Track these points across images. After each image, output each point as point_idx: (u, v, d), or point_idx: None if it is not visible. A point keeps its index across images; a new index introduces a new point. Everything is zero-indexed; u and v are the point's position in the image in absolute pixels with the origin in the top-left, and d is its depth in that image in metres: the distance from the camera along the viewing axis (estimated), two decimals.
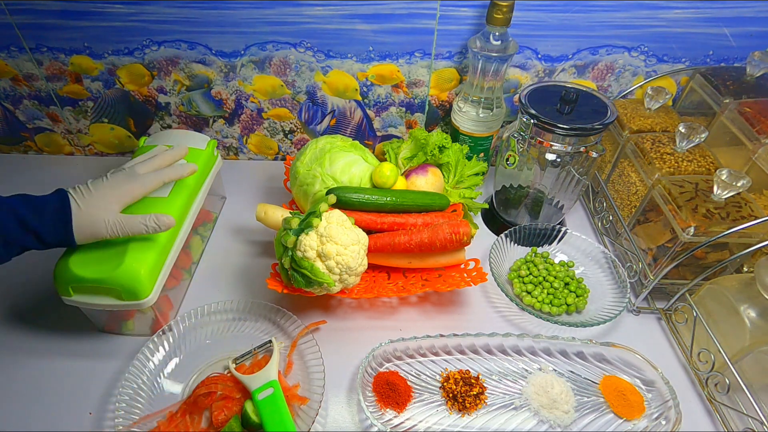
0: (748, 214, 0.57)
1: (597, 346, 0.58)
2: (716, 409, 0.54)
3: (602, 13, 0.70)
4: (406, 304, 0.66)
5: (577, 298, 0.64)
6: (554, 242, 0.72)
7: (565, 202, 0.73)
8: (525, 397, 0.55)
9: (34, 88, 0.79)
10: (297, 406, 0.53)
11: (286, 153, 0.90)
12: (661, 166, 0.64)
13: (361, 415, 0.54)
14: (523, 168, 0.70)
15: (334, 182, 0.67)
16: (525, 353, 0.59)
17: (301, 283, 0.55)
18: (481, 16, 0.70)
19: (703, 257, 0.61)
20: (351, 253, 0.55)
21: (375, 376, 0.56)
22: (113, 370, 0.57)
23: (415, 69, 0.76)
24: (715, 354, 0.55)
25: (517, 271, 0.68)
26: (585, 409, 0.54)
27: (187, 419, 0.51)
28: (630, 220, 0.69)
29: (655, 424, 0.52)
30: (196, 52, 0.75)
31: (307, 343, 0.58)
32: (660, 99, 0.71)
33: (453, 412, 0.54)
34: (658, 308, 0.65)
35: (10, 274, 0.68)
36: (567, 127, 0.61)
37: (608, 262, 0.69)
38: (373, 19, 0.71)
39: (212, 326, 0.61)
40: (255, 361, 0.57)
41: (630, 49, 0.74)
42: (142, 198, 0.54)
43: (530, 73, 0.77)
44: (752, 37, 0.72)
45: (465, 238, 0.62)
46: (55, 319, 0.62)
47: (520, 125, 0.67)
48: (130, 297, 0.53)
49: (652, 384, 0.56)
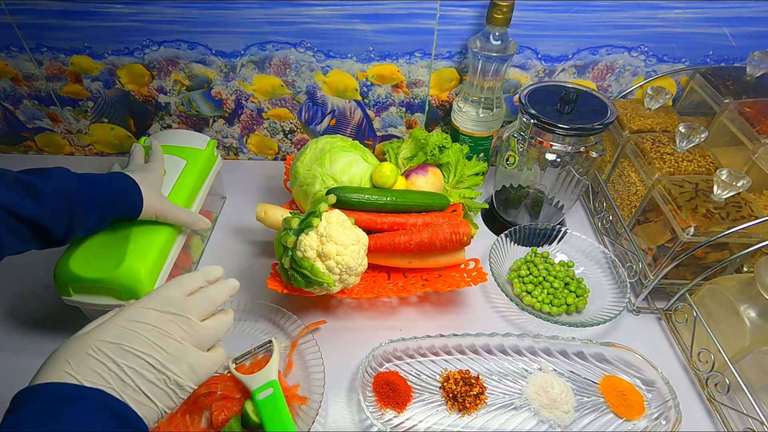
0: (748, 214, 0.56)
1: (597, 346, 0.58)
2: (716, 409, 0.54)
3: (602, 13, 0.70)
4: (406, 304, 0.66)
5: (577, 298, 0.64)
6: (554, 242, 0.72)
7: (565, 202, 0.73)
8: (525, 397, 0.55)
9: (34, 88, 0.79)
10: (297, 406, 0.53)
11: (286, 153, 0.90)
12: (661, 166, 0.64)
13: (361, 415, 0.54)
14: (523, 168, 0.70)
15: (334, 182, 0.67)
16: (525, 353, 0.59)
17: (301, 283, 0.55)
18: (481, 16, 0.70)
19: (703, 257, 0.61)
20: (351, 253, 0.55)
21: (375, 376, 0.56)
22: None
23: (415, 69, 0.76)
24: (715, 354, 0.55)
25: (517, 271, 0.68)
26: (585, 409, 0.54)
27: (187, 419, 0.51)
28: (630, 220, 0.69)
29: (655, 424, 0.52)
30: (196, 52, 0.75)
31: (307, 343, 0.58)
32: (660, 99, 0.71)
33: (453, 412, 0.54)
34: (658, 308, 0.65)
35: (10, 274, 0.68)
36: (567, 127, 0.61)
37: (608, 262, 0.69)
38: (373, 19, 0.71)
39: None
40: (255, 361, 0.57)
41: (630, 49, 0.74)
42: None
43: (530, 73, 0.77)
44: (752, 37, 0.72)
45: (465, 238, 0.62)
46: (55, 319, 0.62)
47: (520, 125, 0.67)
48: (130, 297, 0.53)
49: (652, 384, 0.56)
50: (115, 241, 0.55)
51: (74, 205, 0.49)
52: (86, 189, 0.50)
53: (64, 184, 0.49)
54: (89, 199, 0.51)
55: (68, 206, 0.48)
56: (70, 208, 0.48)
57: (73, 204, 0.49)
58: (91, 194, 0.51)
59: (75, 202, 0.49)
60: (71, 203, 0.49)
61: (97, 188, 0.51)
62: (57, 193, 0.48)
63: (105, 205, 0.52)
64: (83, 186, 0.50)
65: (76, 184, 0.50)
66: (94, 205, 0.51)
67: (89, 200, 0.50)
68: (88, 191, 0.50)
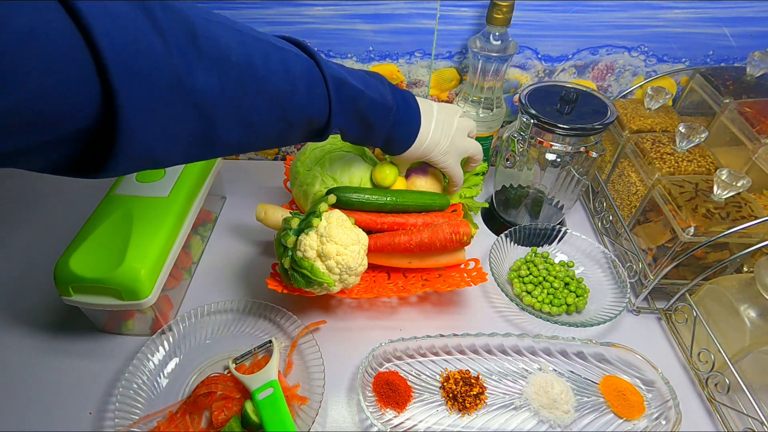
0: (748, 214, 0.56)
1: (597, 346, 0.58)
2: (716, 409, 0.54)
3: (602, 13, 0.70)
4: (406, 304, 0.66)
5: (577, 298, 0.64)
6: (554, 242, 0.72)
7: (565, 202, 0.73)
8: (525, 397, 0.55)
9: None
10: (297, 406, 0.53)
11: (286, 153, 0.90)
12: (661, 166, 0.64)
13: (361, 415, 0.54)
14: (523, 168, 0.70)
15: (334, 182, 0.67)
16: (525, 353, 0.59)
17: (301, 283, 0.55)
18: (481, 16, 0.70)
19: (703, 257, 0.61)
20: (351, 253, 0.55)
21: (375, 376, 0.56)
22: (113, 370, 0.57)
23: (415, 69, 0.76)
24: (715, 354, 0.55)
25: (517, 271, 0.68)
26: (585, 409, 0.54)
27: (187, 419, 0.51)
28: (630, 220, 0.69)
29: (655, 424, 0.52)
30: None
31: (307, 343, 0.58)
32: (660, 99, 0.71)
33: (453, 412, 0.54)
34: (658, 308, 0.65)
35: (11, 274, 0.68)
36: (567, 127, 0.61)
37: (608, 262, 0.69)
38: (373, 19, 0.71)
39: (212, 326, 0.61)
40: (255, 361, 0.57)
41: (630, 49, 0.74)
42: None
43: (530, 73, 0.77)
44: (752, 37, 0.72)
45: (465, 238, 0.62)
46: (55, 319, 0.62)
47: (520, 125, 0.67)
48: (130, 297, 0.53)
49: (652, 384, 0.56)
50: (115, 241, 0.55)
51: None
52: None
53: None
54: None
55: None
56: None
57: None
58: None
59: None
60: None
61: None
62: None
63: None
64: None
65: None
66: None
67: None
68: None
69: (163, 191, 0.62)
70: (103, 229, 0.56)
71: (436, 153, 0.60)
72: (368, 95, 0.49)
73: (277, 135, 0.44)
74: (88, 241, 0.55)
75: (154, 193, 0.61)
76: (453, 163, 0.63)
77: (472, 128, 0.64)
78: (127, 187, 0.62)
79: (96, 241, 0.55)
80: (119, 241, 0.55)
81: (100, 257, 0.53)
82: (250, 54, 0.37)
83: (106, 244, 0.55)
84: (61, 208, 0.79)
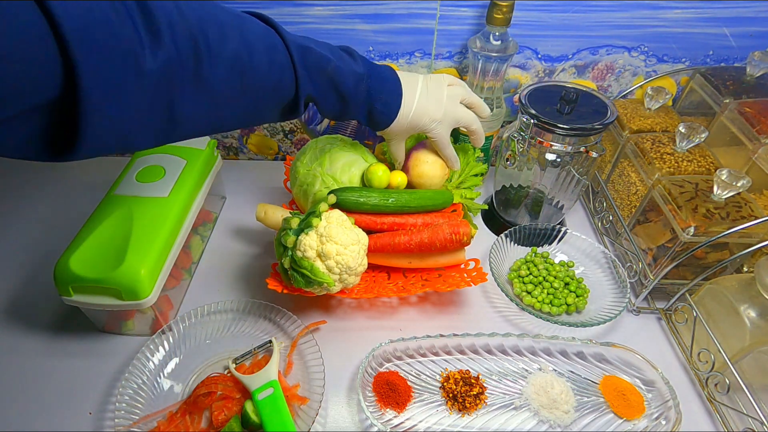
0: (748, 214, 0.57)
1: (597, 346, 0.58)
2: (716, 409, 0.54)
3: (602, 13, 0.70)
4: (406, 304, 0.66)
5: (577, 298, 0.64)
6: (554, 242, 0.72)
7: (565, 202, 0.73)
8: (525, 397, 0.55)
9: None
10: (297, 406, 0.53)
11: (286, 153, 0.90)
12: (661, 166, 0.64)
13: (361, 415, 0.54)
14: (523, 168, 0.70)
15: (334, 182, 0.67)
16: (525, 353, 0.59)
17: (301, 283, 0.55)
18: (481, 16, 0.70)
19: (703, 257, 0.61)
20: (351, 253, 0.55)
21: (375, 376, 0.56)
22: (113, 370, 0.57)
23: (415, 69, 0.76)
24: (715, 354, 0.55)
25: (517, 271, 0.68)
26: (585, 409, 0.54)
27: (187, 419, 0.51)
28: (630, 220, 0.69)
29: (655, 424, 0.52)
30: None
31: (307, 343, 0.58)
32: (660, 99, 0.71)
33: (453, 412, 0.54)
34: (658, 308, 0.65)
35: (10, 274, 0.68)
36: (567, 127, 0.61)
37: (608, 262, 0.69)
38: (373, 19, 0.71)
39: (212, 326, 0.61)
40: (255, 361, 0.57)
41: (630, 49, 0.74)
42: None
43: (530, 73, 0.77)
44: (752, 37, 0.72)
45: (465, 238, 0.62)
46: (55, 319, 0.62)
47: (520, 125, 0.67)
48: (130, 297, 0.53)
49: (652, 384, 0.56)
50: (115, 241, 0.55)
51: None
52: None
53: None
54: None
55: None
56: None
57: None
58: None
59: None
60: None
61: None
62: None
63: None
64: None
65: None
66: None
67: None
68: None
69: (163, 191, 0.62)
70: (103, 229, 0.56)
71: (426, 122, 0.59)
72: (335, 62, 0.49)
73: (246, 108, 0.44)
74: (88, 241, 0.55)
75: (154, 193, 0.61)
76: (444, 131, 0.61)
77: (464, 95, 0.62)
78: (127, 187, 0.62)
79: (96, 241, 0.55)
80: (119, 241, 0.55)
81: (100, 257, 0.53)
82: (202, 19, 0.38)
83: (106, 244, 0.55)
84: (61, 208, 0.79)
